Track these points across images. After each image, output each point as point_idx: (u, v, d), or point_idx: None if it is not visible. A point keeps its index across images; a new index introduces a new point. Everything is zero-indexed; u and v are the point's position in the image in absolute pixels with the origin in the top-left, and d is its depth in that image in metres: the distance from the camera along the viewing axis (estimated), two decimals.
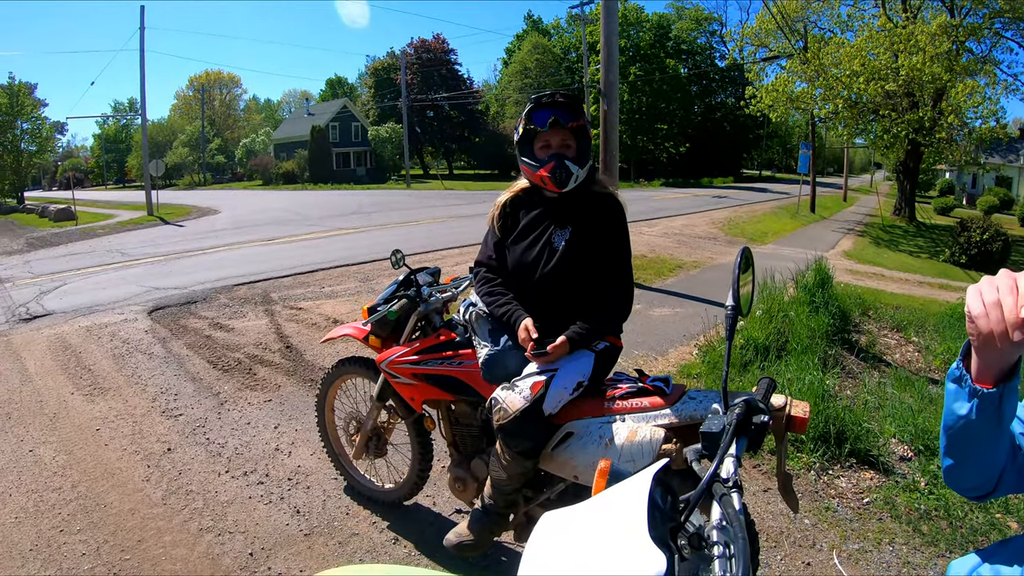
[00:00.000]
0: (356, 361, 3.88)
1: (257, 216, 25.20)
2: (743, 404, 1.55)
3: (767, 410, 1.60)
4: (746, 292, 1.89)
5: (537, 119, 2.84)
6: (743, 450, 1.52)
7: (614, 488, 1.23)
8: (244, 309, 8.70)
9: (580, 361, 2.79)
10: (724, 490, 1.27)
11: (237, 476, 4.34)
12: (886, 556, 3.69)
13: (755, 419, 1.57)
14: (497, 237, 3.10)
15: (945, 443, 1.32)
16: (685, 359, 6.82)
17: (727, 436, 1.45)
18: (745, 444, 1.54)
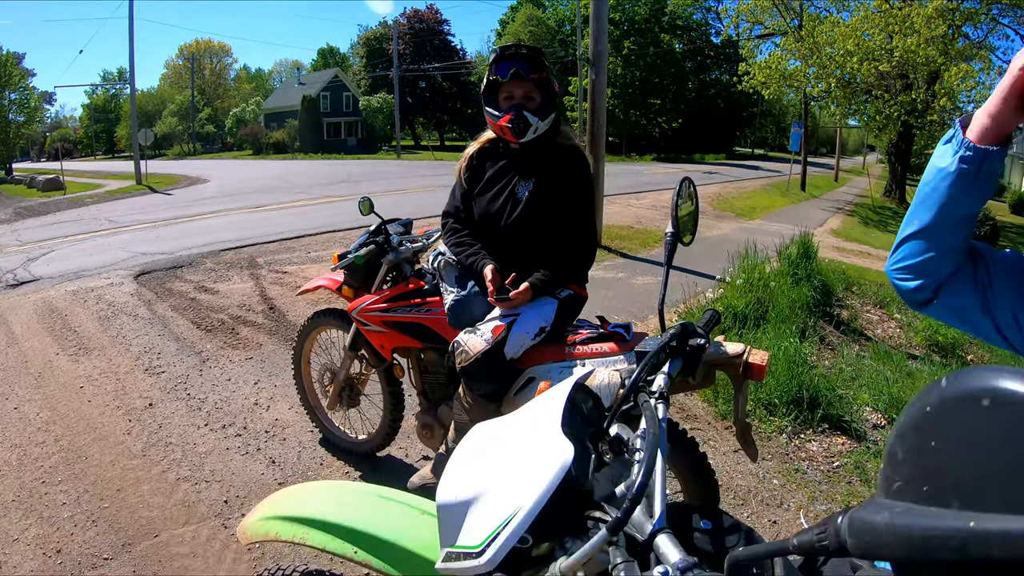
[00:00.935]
0: (331, 313, 3.94)
1: (246, 185, 25.09)
2: (679, 327, 1.61)
3: (705, 336, 1.66)
4: (687, 221, 1.94)
5: (500, 70, 2.89)
6: (676, 369, 1.56)
7: (539, 396, 1.29)
8: (229, 273, 8.73)
9: (543, 307, 2.85)
10: (647, 398, 1.31)
11: (216, 429, 4.42)
12: None
13: (691, 342, 1.62)
14: (464, 188, 3.16)
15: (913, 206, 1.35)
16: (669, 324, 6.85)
17: (656, 350, 1.49)
18: (680, 365, 1.59)
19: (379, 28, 69.60)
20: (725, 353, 2.40)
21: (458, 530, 1.11)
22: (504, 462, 1.15)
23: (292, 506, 1.58)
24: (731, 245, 8.88)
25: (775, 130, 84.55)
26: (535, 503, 1.02)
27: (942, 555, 0.57)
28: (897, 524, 0.61)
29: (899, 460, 0.65)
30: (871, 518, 0.64)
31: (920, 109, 23.13)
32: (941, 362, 7.04)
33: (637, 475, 1.03)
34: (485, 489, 1.12)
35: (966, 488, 0.59)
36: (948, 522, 0.57)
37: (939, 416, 0.62)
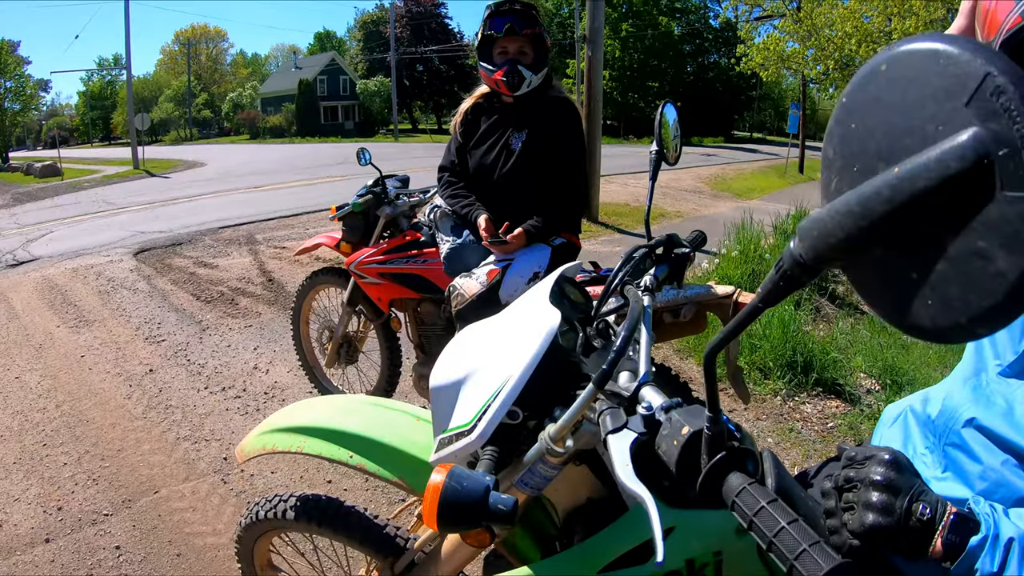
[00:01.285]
0: (330, 271, 3.99)
1: (243, 167, 25.05)
2: (665, 236, 1.65)
3: (690, 248, 1.70)
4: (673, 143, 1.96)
5: (494, 25, 2.96)
6: (663, 274, 1.60)
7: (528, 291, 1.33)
8: (228, 249, 8.77)
9: (537, 253, 2.91)
10: (632, 287, 1.36)
11: (215, 392, 4.46)
12: None
13: (676, 251, 1.66)
14: (459, 142, 3.23)
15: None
16: None
17: (643, 249, 1.56)
18: (666, 270, 1.62)
19: (376, 11, 69.03)
20: (715, 294, 2.43)
21: (450, 414, 1.13)
22: (493, 343, 1.18)
23: (290, 419, 1.62)
24: (728, 223, 8.91)
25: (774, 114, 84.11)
26: (524, 370, 1.04)
27: (879, 209, 0.61)
28: (837, 205, 0.65)
29: (830, 158, 0.71)
30: (815, 215, 0.68)
31: None
32: None
33: (621, 331, 1.05)
34: (475, 368, 1.14)
35: (887, 149, 0.64)
36: (878, 180, 0.61)
37: (852, 101, 0.68)
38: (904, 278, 0.64)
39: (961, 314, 0.59)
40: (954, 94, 0.59)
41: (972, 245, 0.57)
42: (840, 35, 23.38)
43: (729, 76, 59.79)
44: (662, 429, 0.95)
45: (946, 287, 0.60)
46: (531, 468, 1.10)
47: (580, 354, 1.22)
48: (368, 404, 1.60)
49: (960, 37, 0.60)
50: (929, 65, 0.61)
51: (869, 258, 0.66)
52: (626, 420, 1.00)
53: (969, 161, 0.56)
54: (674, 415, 0.95)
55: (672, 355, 5.18)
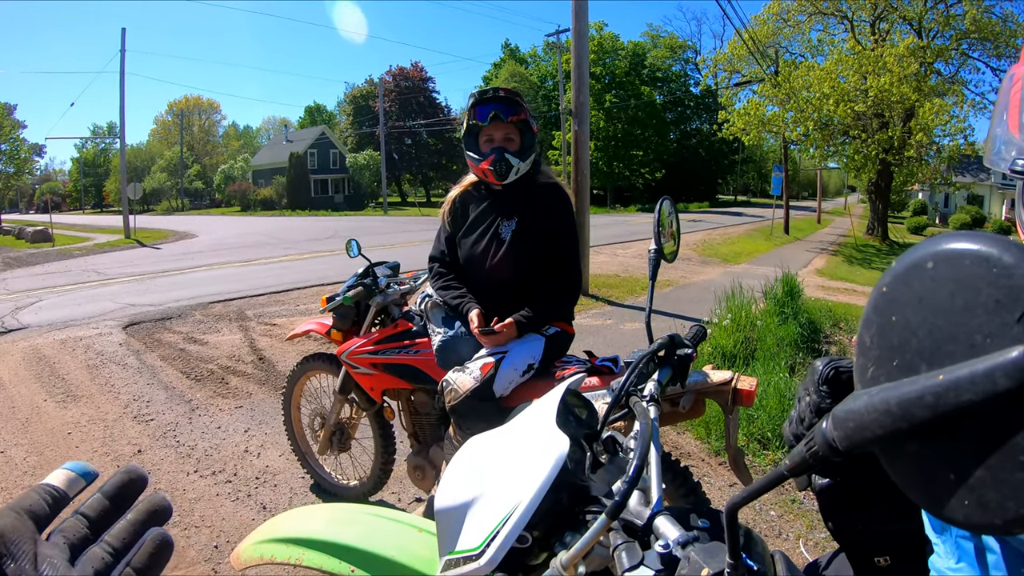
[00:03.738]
0: (321, 357, 3.95)
1: (234, 240, 25.17)
2: (667, 338, 1.63)
3: (692, 347, 1.68)
4: (669, 242, 1.97)
5: (479, 114, 2.95)
6: (666, 378, 1.59)
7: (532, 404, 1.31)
8: (219, 325, 8.73)
9: (530, 344, 2.88)
10: (639, 399, 1.34)
11: (205, 475, 4.38)
12: None
13: (679, 351, 1.64)
14: (448, 232, 3.22)
15: None
16: None
17: (646, 357, 1.53)
18: (669, 373, 1.60)
19: (365, 86, 70.25)
20: (713, 382, 2.42)
21: (457, 536, 1.12)
22: (500, 464, 1.17)
23: (288, 528, 1.58)
24: (717, 289, 8.98)
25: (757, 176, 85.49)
26: (533, 497, 1.03)
27: (920, 414, 0.59)
28: (875, 401, 0.62)
29: (867, 346, 0.68)
30: (851, 407, 0.65)
31: (897, 146, 23.67)
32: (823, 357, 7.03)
33: (633, 460, 1.04)
34: (482, 491, 1.13)
35: (929, 350, 0.61)
36: (920, 384, 0.59)
37: (893, 292, 0.65)
38: (941, 477, 0.62)
39: (997, 516, 0.57)
40: (1006, 307, 0.57)
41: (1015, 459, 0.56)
42: (818, 96, 23.96)
43: (711, 141, 61.09)
44: (680, 568, 0.94)
45: (984, 491, 0.58)
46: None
47: (588, 473, 1.21)
48: (367, 514, 1.57)
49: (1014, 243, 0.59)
50: (980, 271, 0.59)
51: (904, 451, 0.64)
52: (642, 556, 0.99)
53: (1018, 381, 0.54)
54: (692, 554, 0.93)
55: (668, 429, 5.13)
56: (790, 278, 9.37)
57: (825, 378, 0.99)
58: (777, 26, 29.21)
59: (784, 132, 27.81)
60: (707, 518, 1.09)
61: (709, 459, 4.82)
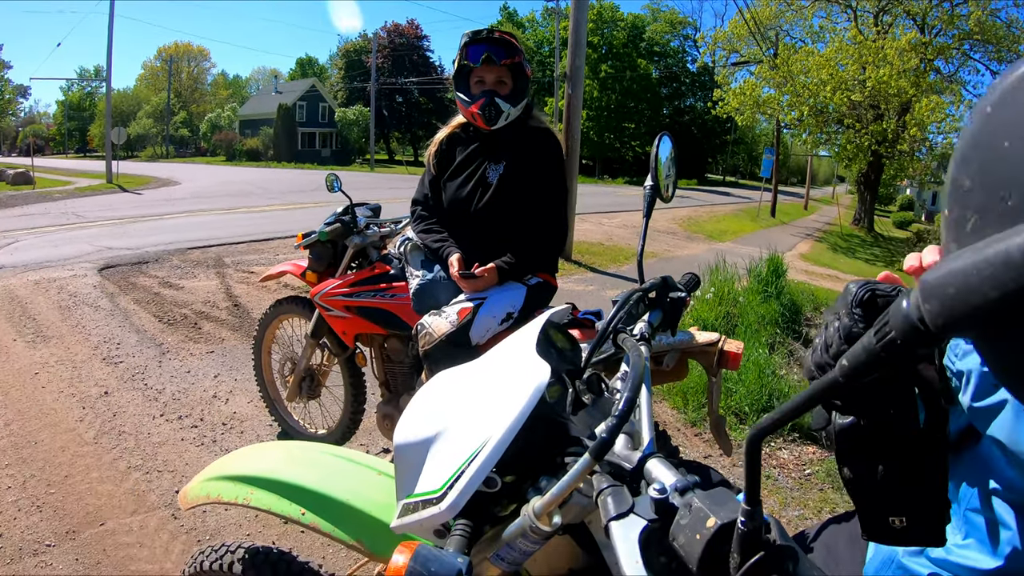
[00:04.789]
0: (294, 300, 3.86)
1: (218, 188, 24.90)
2: (660, 279, 1.52)
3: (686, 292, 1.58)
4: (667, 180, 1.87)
5: (471, 54, 2.83)
6: (657, 320, 1.49)
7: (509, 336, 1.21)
8: (196, 270, 8.60)
9: (511, 292, 2.78)
10: (627, 336, 1.24)
11: (171, 419, 4.30)
12: None
13: (671, 295, 1.54)
14: (432, 175, 3.09)
15: None
16: None
17: (636, 294, 1.43)
18: (660, 316, 1.50)
19: (359, 41, 69.42)
20: (699, 342, 2.34)
21: (417, 476, 1.00)
22: (469, 396, 1.05)
23: (239, 466, 1.47)
24: (702, 264, 8.95)
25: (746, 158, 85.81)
26: (506, 432, 0.92)
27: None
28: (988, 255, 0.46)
29: (967, 189, 0.53)
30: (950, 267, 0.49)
31: (891, 139, 23.71)
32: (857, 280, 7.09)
33: (622, 395, 0.91)
34: (447, 426, 1.01)
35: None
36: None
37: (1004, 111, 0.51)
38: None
39: None
40: None
41: None
42: (815, 82, 23.95)
43: (704, 119, 61.10)
44: (679, 517, 0.82)
45: None
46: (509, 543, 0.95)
47: (569, 412, 1.10)
48: (325, 454, 1.46)
49: None
50: None
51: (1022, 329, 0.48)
52: (632, 503, 0.87)
53: None
54: (695, 501, 0.81)
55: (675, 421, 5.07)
56: (776, 258, 9.36)
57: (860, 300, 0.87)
58: (780, 9, 29.00)
59: (778, 115, 27.80)
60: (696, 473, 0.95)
61: (685, 429, 4.79)
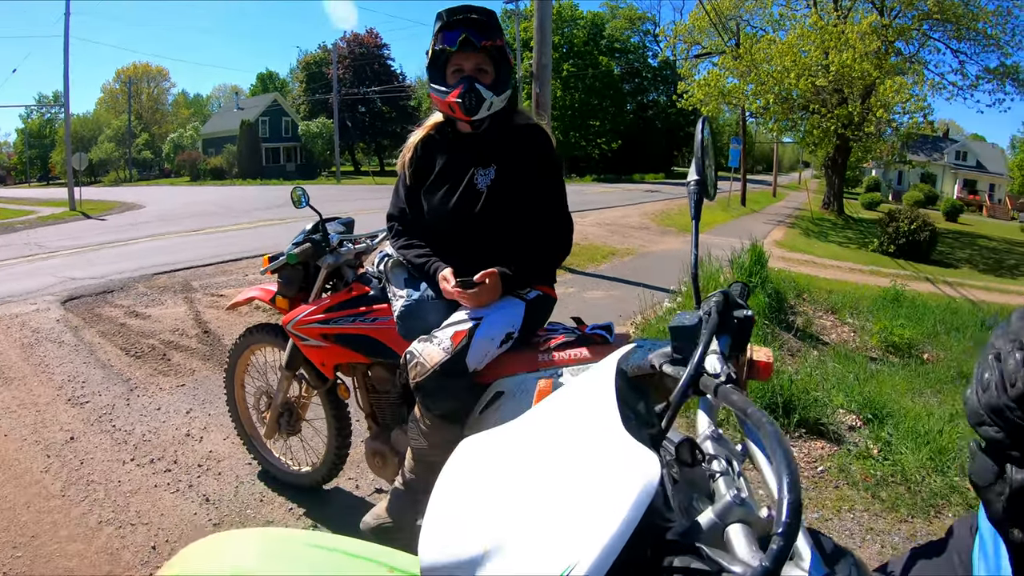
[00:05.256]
0: (265, 328, 3.56)
1: (183, 210, 24.49)
2: (720, 295, 1.27)
3: (747, 306, 1.35)
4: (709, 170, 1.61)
5: (447, 38, 2.48)
6: (727, 348, 1.24)
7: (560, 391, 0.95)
8: (163, 297, 8.30)
9: (509, 310, 2.49)
10: (716, 383, 0.98)
11: (143, 464, 4.01)
12: (847, 523, 3.63)
13: (736, 314, 1.30)
14: (409, 184, 2.76)
15: None
16: None
17: (708, 326, 1.16)
18: (729, 342, 1.27)
19: (319, 52, 68.95)
20: None
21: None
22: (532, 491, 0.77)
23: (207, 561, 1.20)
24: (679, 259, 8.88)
25: None
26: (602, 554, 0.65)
27: None
28: None
29: None
30: None
31: (857, 121, 24.11)
32: (900, 362, 7.16)
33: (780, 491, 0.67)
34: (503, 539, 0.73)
35: None
36: None
37: None
38: None
39: None
40: None
41: None
42: (779, 69, 24.12)
43: (668, 113, 61.90)
44: None
45: None
46: None
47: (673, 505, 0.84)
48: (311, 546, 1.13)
49: None
50: None
51: None
52: None
53: None
54: None
55: None
56: (757, 247, 9.35)
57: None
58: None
59: (744, 104, 28.01)
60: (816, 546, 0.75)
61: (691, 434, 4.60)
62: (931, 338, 8.28)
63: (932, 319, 9.06)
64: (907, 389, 5.97)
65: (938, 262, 19.35)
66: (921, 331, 8.35)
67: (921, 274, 15.93)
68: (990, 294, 14.28)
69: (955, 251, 22.98)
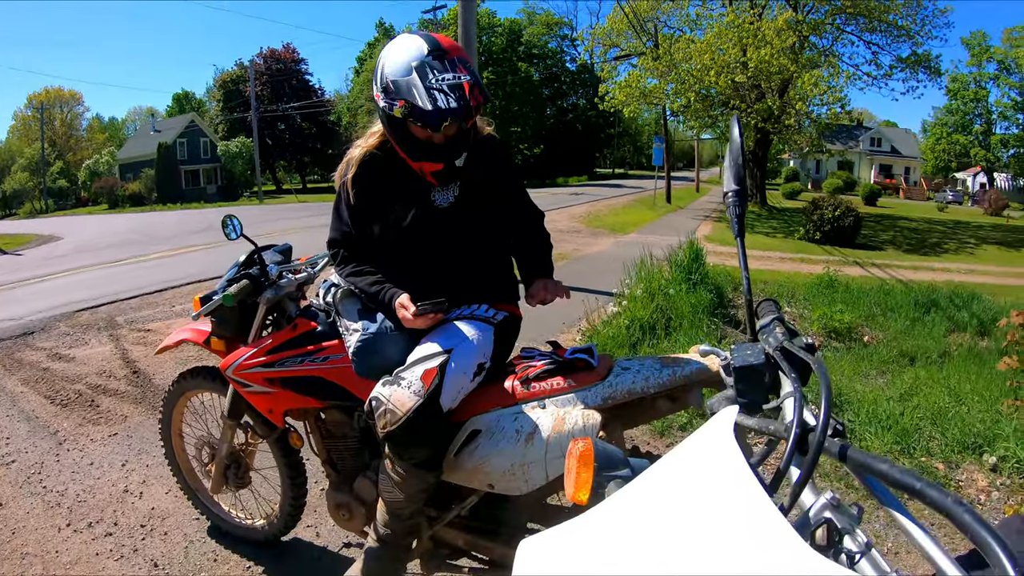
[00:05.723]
0: (201, 373, 3.23)
1: (102, 240, 23.62)
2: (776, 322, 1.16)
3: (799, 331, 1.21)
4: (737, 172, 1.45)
5: (430, 119, 2.12)
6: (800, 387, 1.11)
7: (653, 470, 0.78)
8: (86, 336, 7.88)
9: (478, 336, 2.26)
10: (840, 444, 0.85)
11: (81, 529, 3.68)
12: None
13: (797, 342, 1.15)
14: (353, 205, 2.46)
15: None
16: (570, 344, 6.63)
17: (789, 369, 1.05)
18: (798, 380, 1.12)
19: (235, 70, 67.60)
20: (711, 369, 2.04)
21: None
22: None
23: None
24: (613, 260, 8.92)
25: (632, 149, 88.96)
26: None
27: None
28: None
29: None
30: None
31: (776, 115, 24.70)
32: (843, 346, 7.30)
33: None
34: None
35: None
36: None
37: None
38: None
39: None
40: None
41: None
42: (699, 68, 24.53)
43: (588, 116, 62.96)
44: None
45: None
46: None
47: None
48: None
49: None
50: None
51: None
52: None
53: None
54: None
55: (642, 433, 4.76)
56: (695, 244, 9.57)
57: None
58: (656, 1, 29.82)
59: (665, 104, 28.46)
60: None
61: (655, 441, 4.62)
62: (869, 320, 8.40)
63: (867, 301, 9.24)
64: (854, 373, 6.02)
65: (863, 245, 19.73)
66: (858, 314, 8.48)
67: (849, 258, 16.20)
68: (918, 272, 14.62)
69: (878, 234, 23.51)
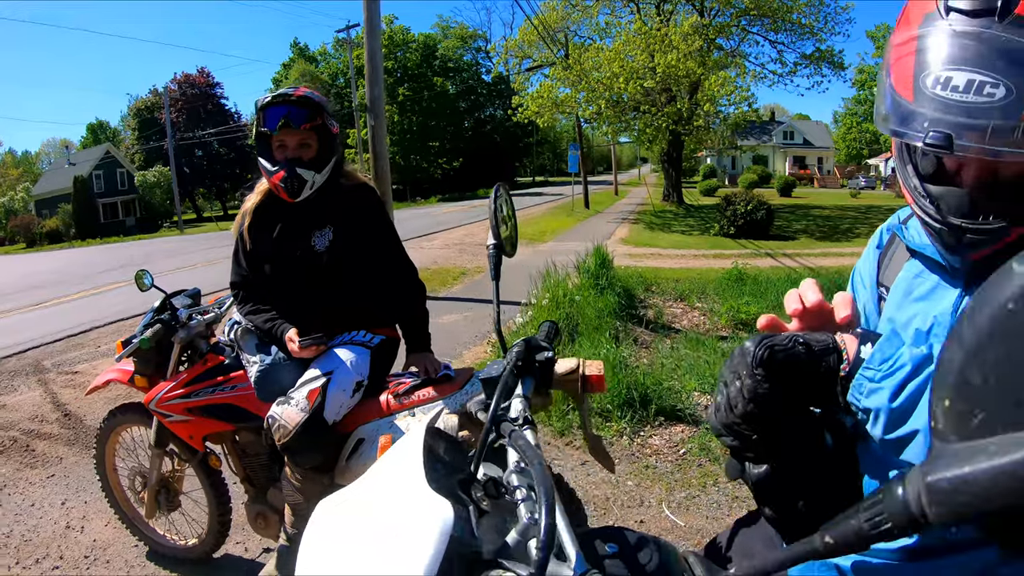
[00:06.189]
0: (128, 409, 3.61)
1: (20, 281, 23.01)
2: (522, 343, 1.51)
3: (550, 348, 1.58)
4: (508, 234, 1.83)
5: (268, 119, 2.66)
6: (531, 389, 1.47)
7: (386, 454, 1.19)
8: (14, 383, 7.94)
9: (356, 360, 2.70)
10: (514, 427, 1.21)
11: (29, 566, 3.90)
12: (713, 497, 3.99)
13: (538, 356, 1.53)
14: (248, 249, 2.91)
15: None
16: (481, 357, 7.10)
17: (507, 373, 1.40)
18: (532, 384, 1.49)
19: (149, 97, 66.31)
20: (560, 372, 2.40)
21: None
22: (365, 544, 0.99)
23: None
24: (529, 270, 9.17)
25: (552, 156, 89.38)
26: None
27: None
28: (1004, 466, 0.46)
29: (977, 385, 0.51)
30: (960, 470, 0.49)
31: (686, 117, 25.35)
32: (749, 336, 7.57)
33: (537, 514, 0.91)
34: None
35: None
36: None
37: None
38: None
39: None
40: None
41: None
42: (608, 76, 25.07)
43: (506, 126, 63.26)
44: None
45: None
46: None
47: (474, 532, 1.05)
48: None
49: None
50: None
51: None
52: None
53: None
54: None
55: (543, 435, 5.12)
56: (601, 250, 9.81)
57: (760, 360, 0.97)
58: (566, 11, 30.56)
59: (577, 112, 28.86)
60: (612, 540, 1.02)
61: (556, 441, 4.93)
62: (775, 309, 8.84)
63: (774, 291, 9.54)
64: None
65: (777, 236, 20.33)
66: (765, 305, 8.89)
67: (762, 250, 16.68)
68: (827, 259, 15.09)
69: (791, 224, 24.19)
